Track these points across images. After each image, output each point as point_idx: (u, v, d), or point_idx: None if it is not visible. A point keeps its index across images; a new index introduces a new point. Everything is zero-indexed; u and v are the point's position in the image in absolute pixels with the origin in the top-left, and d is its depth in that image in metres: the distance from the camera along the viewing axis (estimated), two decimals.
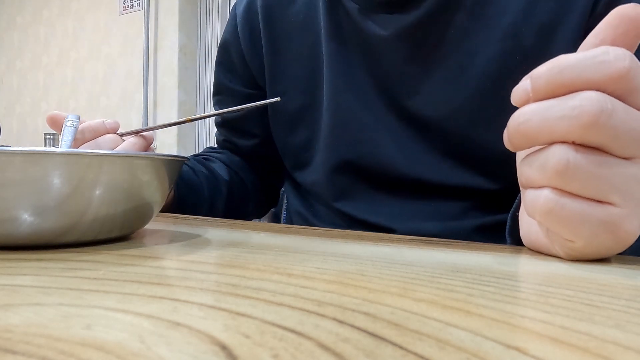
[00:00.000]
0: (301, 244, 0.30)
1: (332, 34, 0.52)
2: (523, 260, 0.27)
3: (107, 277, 0.19)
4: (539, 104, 0.25)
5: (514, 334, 0.14)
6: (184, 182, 0.56)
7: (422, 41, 0.48)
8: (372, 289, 0.18)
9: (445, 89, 0.48)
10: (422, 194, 0.50)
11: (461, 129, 0.48)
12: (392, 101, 0.50)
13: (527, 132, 0.25)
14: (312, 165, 0.57)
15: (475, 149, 0.48)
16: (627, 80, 0.24)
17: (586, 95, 0.24)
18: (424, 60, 0.48)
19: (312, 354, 0.12)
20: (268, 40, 0.58)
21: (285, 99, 0.56)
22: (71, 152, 0.25)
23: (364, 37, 0.50)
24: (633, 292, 0.19)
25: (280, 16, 0.57)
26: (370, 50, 0.50)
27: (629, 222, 0.25)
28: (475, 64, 0.46)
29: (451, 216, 0.49)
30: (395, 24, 0.49)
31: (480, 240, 0.36)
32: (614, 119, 0.23)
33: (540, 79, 0.25)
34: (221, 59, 0.65)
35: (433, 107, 0.48)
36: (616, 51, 0.24)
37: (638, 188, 0.25)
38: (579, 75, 0.24)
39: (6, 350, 0.12)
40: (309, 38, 0.55)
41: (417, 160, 0.49)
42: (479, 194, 0.49)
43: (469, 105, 0.47)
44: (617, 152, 0.24)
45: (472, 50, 0.47)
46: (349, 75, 0.52)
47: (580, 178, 0.24)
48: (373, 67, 0.51)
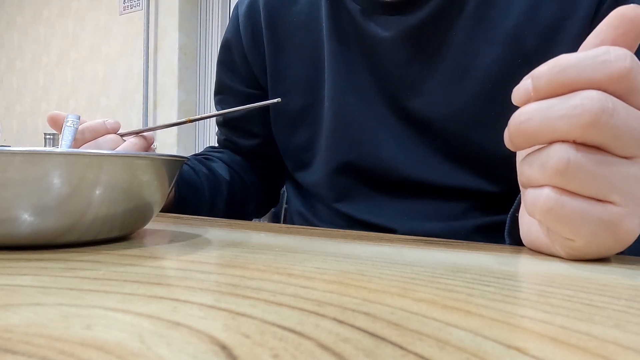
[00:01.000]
0: (301, 244, 0.30)
1: (334, 34, 0.52)
2: (523, 260, 0.27)
3: (107, 277, 0.19)
4: (540, 103, 0.25)
5: (514, 334, 0.14)
6: (185, 182, 0.56)
7: (424, 43, 0.48)
8: (372, 289, 0.18)
9: (447, 91, 0.47)
10: (422, 194, 0.50)
11: (462, 130, 0.48)
12: (394, 102, 0.50)
13: (528, 131, 0.25)
14: (313, 165, 0.57)
15: (476, 151, 0.48)
16: (628, 80, 0.24)
17: (587, 94, 0.24)
18: (425, 62, 0.48)
19: (312, 354, 0.12)
20: (270, 40, 0.58)
21: (287, 99, 0.56)
22: (71, 152, 0.25)
23: (366, 38, 0.50)
24: (633, 292, 0.19)
25: (283, 16, 0.57)
26: (372, 51, 0.51)
27: (629, 221, 0.25)
28: (477, 66, 0.46)
29: (451, 216, 0.49)
30: (397, 25, 0.49)
31: (480, 241, 0.36)
32: (615, 118, 0.23)
33: (541, 78, 0.25)
34: (223, 58, 0.65)
35: (434, 108, 0.48)
36: (617, 51, 0.24)
37: (638, 187, 0.25)
38: (579, 74, 0.24)
39: (6, 350, 0.12)
40: (311, 38, 0.55)
41: (418, 162, 0.49)
42: (479, 195, 0.49)
43: (470, 108, 0.47)
44: (618, 151, 0.25)
45: (474, 53, 0.47)
46: (351, 76, 0.52)
47: (580, 177, 0.24)
48: (374, 68, 0.51)
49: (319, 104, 0.55)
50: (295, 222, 0.61)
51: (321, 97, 0.55)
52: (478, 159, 0.48)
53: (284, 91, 0.57)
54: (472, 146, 0.48)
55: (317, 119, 0.55)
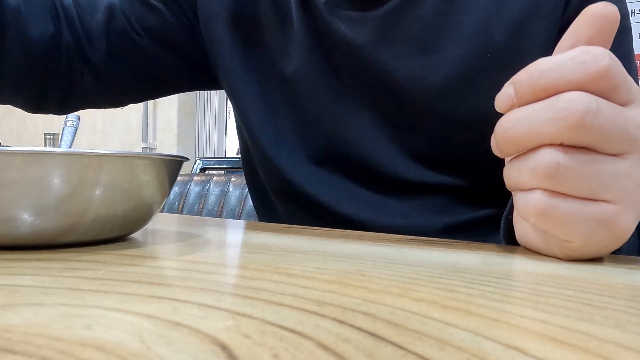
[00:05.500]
0: (301, 244, 0.30)
1: (302, 25, 0.51)
2: (523, 260, 0.27)
3: (107, 277, 0.19)
4: (524, 108, 0.25)
5: (514, 334, 0.14)
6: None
7: (389, 38, 0.47)
8: (372, 289, 0.18)
9: (414, 87, 0.46)
10: (393, 190, 0.49)
11: (431, 128, 0.47)
12: (364, 97, 0.49)
13: (515, 138, 0.26)
14: (283, 154, 0.53)
15: (447, 148, 0.47)
16: (608, 78, 0.24)
17: (570, 96, 0.24)
18: (392, 57, 0.47)
19: (312, 354, 0.12)
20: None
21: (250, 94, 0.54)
22: (71, 152, 0.25)
23: (332, 34, 0.49)
24: (633, 292, 0.19)
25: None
26: (336, 47, 0.49)
27: (624, 217, 0.25)
28: (443, 62, 0.46)
29: (427, 212, 0.48)
30: (360, 21, 0.48)
31: (457, 238, 0.36)
32: (599, 117, 0.23)
33: (522, 83, 0.25)
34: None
35: (402, 105, 0.47)
36: (595, 50, 0.24)
37: (629, 183, 0.25)
38: (560, 77, 0.24)
39: (6, 350, 0.12)
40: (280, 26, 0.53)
41: (390, 158, 0.48)
42: (451, 191, 0.48)
43: (438, 105, 0.46)
44: (606, 149, 0.25)
45: (440, 48, 0.46)
46: (320, 72, 0.51)
47: (571, 179, 0.24)
48: (342, 64, 0.49)
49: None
50: (261, 213, 0.59)
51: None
52: (450, 157, 0.47)
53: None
54: (443, 143, 0.47)
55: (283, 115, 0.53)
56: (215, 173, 1.26)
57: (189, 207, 1.10)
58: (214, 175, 1.15)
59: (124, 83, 0.60)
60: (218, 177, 1.12)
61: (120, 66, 0.58)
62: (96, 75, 0.58)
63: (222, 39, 0.55)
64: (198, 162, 1.45)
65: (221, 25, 0.54)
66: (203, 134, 3.06)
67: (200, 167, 1.44)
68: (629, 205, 0.25)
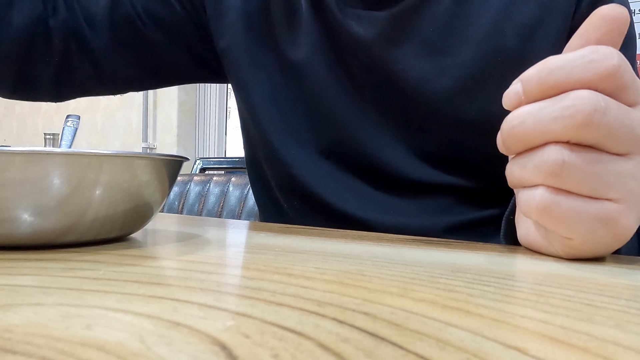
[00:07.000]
0: (301, 244, 0.30)
1: (312, 26, 0.51)
2: (523, 260, 0.27)
3: (107, 277, 0.19)
4: (532, 106, 0.25)
5: (514, 334, 0.14)
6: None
7: (400, 38, 0.47)
8: (372, 289, 0.18)
9: (424, 88, 0.47)
10: (398, 189, 0.49)
11: (441, 129, 0.47)
12: (372, 97, 0.49)
13: (522, 135, 0.25)
14: (294, 150, 0.53)
15: (456, 149, 0.47)
16: (616, 77, 0.24)
17: (578, 94, 0.24)
18: (402, 57, 0.47)
19: (312, 354, 0.12)
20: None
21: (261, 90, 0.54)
22: (71, 152, 0.25)
23: (342, 32, 0.49)
24: (633, 292, 0.19)
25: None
26: (347, 46, 0.49)
27: (626, 216, 0.25)
28: (455, 64, 0.46)
29: (432, 213, 0.48)
30: (371, 20, 0.48)
31: (461, 238, 0.36)
32: (607, 116, 0.23)
33: (530, 81, 0.25)
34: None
35: (412, 106, 0.47)
36: (604, 49, 0.24)
37: (633, 183, 0.25)
38: (569, 75, 0.24)
39: (6, 350, 0.12)
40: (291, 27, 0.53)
41: (398, 158, 0.48)
42: (460, 191, 0.48)
43: (448, 106, 0.46)
44: (611, 149, 0.25)
45: (451, 50, 0.46)
46: (330, 69, 0.51)
47: (576, 177, 0.24)
48: (352, 64, 0.49)
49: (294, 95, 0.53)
50: (263, 210, 0.59)
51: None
52: (458, 158, 0.47)
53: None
54: (451, 145, 0.47)
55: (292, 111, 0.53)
56: (215, 173, 1.26)
57: (189, 207, 1.10)
58: (214, 175, 1.15)
59: (125, 70, 0.59)
60: (218, 177, 1.12)
61: (121, 53, 0.57)
62: (95, 61, 0.57)
63: (233, 33, 0.55)
64: (198, 162, 1.45)
65: (233, 20, 0.54)
66: (203, 134, 3.06)
67: (200, 167, 1.44)
68: (632, 205, 0.25)
